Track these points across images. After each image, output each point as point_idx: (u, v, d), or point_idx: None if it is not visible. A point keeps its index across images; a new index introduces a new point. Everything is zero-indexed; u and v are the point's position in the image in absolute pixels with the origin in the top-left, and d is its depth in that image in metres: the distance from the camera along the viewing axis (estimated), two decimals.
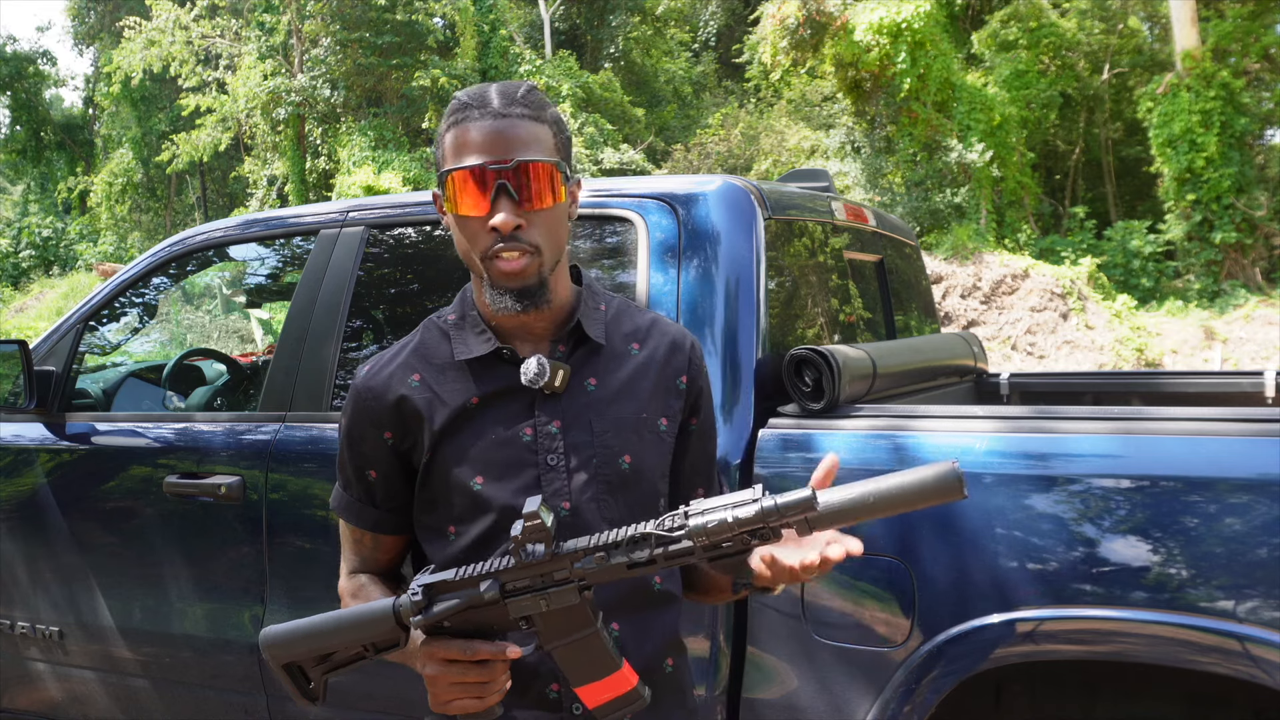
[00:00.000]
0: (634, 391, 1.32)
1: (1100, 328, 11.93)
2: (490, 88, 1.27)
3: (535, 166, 1.23)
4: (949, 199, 13.62)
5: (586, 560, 1.10)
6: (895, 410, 2.01)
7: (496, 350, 1.31)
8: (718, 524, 1.06)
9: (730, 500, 1.07)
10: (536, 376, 1.26)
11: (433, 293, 2.60)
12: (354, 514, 1.39)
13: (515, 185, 1.22)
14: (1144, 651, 1.68)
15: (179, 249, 2.89)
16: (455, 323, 1.35)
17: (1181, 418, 1.76)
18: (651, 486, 1.33)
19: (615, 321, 1.37)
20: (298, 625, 1.19)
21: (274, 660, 1.19)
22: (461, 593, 1.13)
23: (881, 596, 1.84)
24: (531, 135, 1.24)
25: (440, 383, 1.32)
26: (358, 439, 1.37)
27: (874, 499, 1.05)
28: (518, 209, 1.23)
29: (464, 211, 1.24)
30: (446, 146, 1.26)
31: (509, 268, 1.24)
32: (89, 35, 27.71)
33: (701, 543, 1.07)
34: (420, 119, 18.21)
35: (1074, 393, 3.26)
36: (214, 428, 2.62)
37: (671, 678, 1.34)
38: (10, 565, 2.86)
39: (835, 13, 13.76)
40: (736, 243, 2.14)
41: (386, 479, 1.36)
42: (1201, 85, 13.29)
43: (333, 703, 2.40)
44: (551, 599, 1.11)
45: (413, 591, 1.15)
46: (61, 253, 24.03)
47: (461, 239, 1.28)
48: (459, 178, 1.23)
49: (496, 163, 1.22)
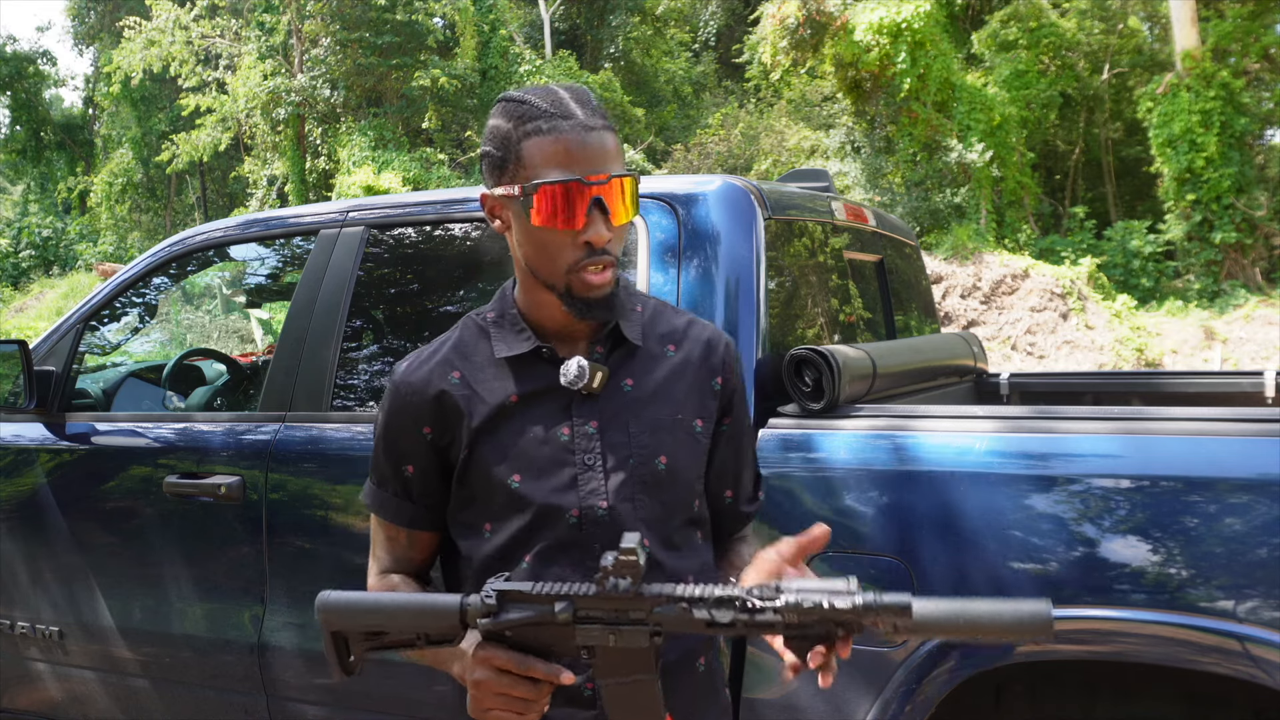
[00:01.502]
0: (670, 392, 1.33)
1: (1100, 328, 11.93)
2: (562, 94, 1.25)
3: (625, 182, 1.24)
4: (949, 199, 13.62)
5: (668, 607, 1.09)
6: (895, 410, 2.01)
7: (536, 349, 1.31)
8: (812, 607, 1.05)
9: (826, 586, 1.06)
10: (576, 378, 1.27)
11: (433, 293, 2.60)
12: (390, 510, 1.38)
13: (608, 201, 1.22)
14: (1144, 651, 1.68)
15: (179, 249, 2.89)
16: (494, 320, 1.36)
17: (1182, 418, 1.76)
18: (687, 487, 1.33)
19: (651, 322, 1.37)
20: (360, 597, 1.18)
21: (326, 624, 1.18)
22: (535, 607, 1.12)
23: None
24: (616, 147, 1.25)
25: (479, 380, 1.32)
26: (396, 434, 1.36)
27: (964, 621, 1.04)
28: (609, 224, 1.23)
29: (555, 225, 1.22)
30: (526, 154, 1.23)
31: (598, 280, 1.24)
32: (89, 35, 27.71)
33: (790, 619, 1.06)
34: (420, 119, 18.21)
35: (1074, 393, 3.26)
36: (214, 428, 2.62)
37: (704, 676, 1.34)
38: (10, 565, 2.86)
39: (835, 13, 13.76)
40: (736, 243, 2.14)
41: (424, 474, 1.35)
42: (1201, 85, 13.29)
43: (333, 703, 2.40)
44: (621, 636, 1.10)
45: (486, 594, 1.13)
46: (61, 253, 24.03)
47: (539, 253, 1.26)
48: (555, 191, 1.21)
49: (594, 178, 1.21)
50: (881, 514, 1.85)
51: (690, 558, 1.33)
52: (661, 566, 1.28)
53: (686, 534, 1.34)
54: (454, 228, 2.53)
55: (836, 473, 1.88)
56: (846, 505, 1.87)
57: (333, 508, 2.38)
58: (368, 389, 2.52)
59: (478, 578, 1.30)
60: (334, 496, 2.38)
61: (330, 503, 2.38)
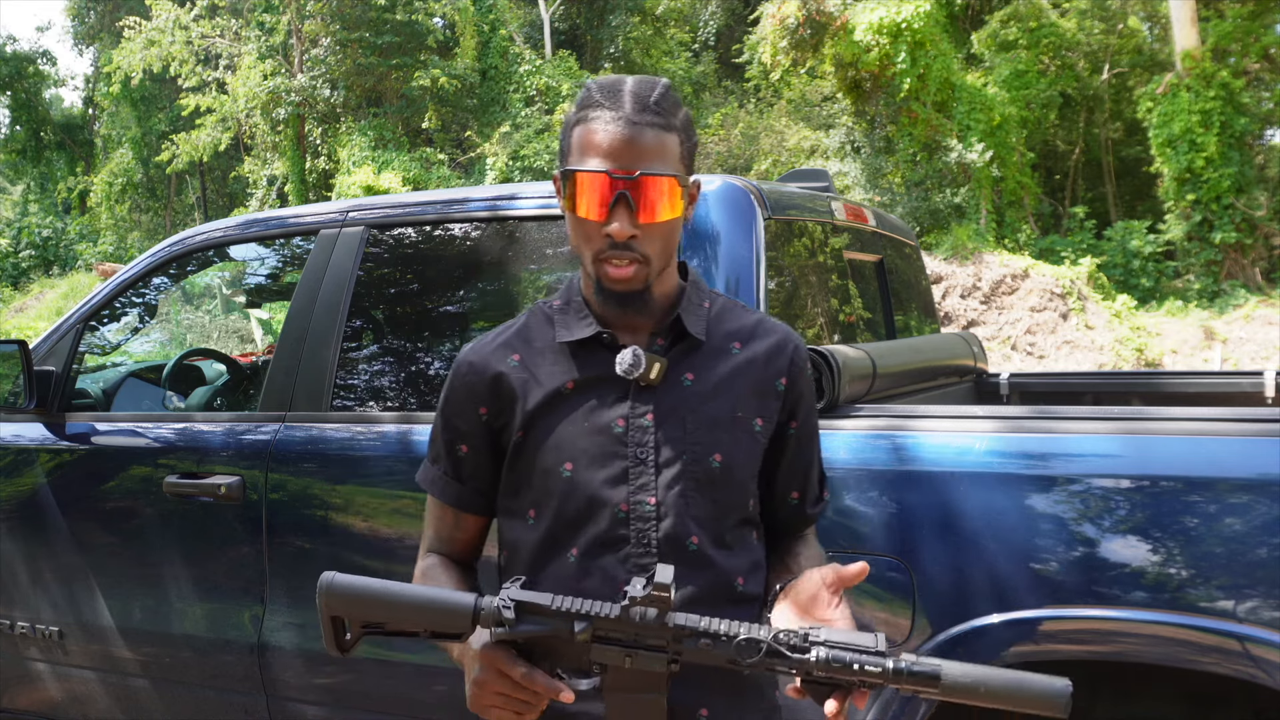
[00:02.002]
0: (731, 390, 1.32)
1: (1100, 328, 11.93)
2: (625, 85, 1.26)
3: (657, 181, 1.23)
4: (949, 199, 13.62)
5: (690, 642, 1.09)
6: (895, 410, 2.01)
7: (597, 335, 1.31)
8: (842, 666, 1.05)
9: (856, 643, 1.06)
10: (631, 367, 1.26)
11: (433, 292, 2.60)
12: (439, 488, 1.39)
13: (635, 196, 1.22)
14: (1144, 651, 1.68)
15: (179, 249, 2.89)
16: (560, 308, 1.37)
17: (1181, 418, 1.76)
18: (741, 487, 1.32)
19: (718, 319, 1.36)
20: (367, 586, 1.16)
21: (329, 608, 1.17)
22: (553, 622, 1.12)
23: (881, 596, 1.84)
24: (659, 145, 1.24)
25: (538, 364, 1.33)
26: (454, 412, 1.37)
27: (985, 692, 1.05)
28: (634, 220, 1.23)
29: (581, 214, 1.24)
30: (573, 140, 1.27)
31: (617, 274, 1.25)
32: (89, 35, 27.70)
33: (819, 674, 1.06)
34: (420, 119, 18.20)
35: (1074, 393, 3.26)
36: (214, 428, 2.62)
37: (748, 678, 1.32)
38: (10, 565, 2.86)
39: (835, 13, 13.76)
40: (736, 242, 2.14)
41: (476, 455, 1.36)
42: (1201, 85, 13.29)
43: (333, 703, 2.40)
44: (638, 659, 1.10)
45: (504, 602, 1.12)
46: (61, 253, 24.02)
47: (575, 236, 1.29)
48: (581, 180, 1.23)
49: (620, 173, 1.22)
50: (881, 514, 1.85)
51: (742, 555, 1.32)
52: (712, 563, 1.27)
53: (739, 533, 1.32)
54: (454, 228, 2.53)
55: (836, 473, 1.88)
56: (846, 505, 1.87)
57: (333, 508, 2.38)
58: (368, 389, 2.52)
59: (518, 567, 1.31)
60: (334, 496, 2.38)
61: (330, 503, 2.38)
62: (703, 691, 1.27)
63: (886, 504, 1.85)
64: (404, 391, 2.49)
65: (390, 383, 2.53)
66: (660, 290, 1.32)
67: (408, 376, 2.53)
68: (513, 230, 2.43)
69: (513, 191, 2.46)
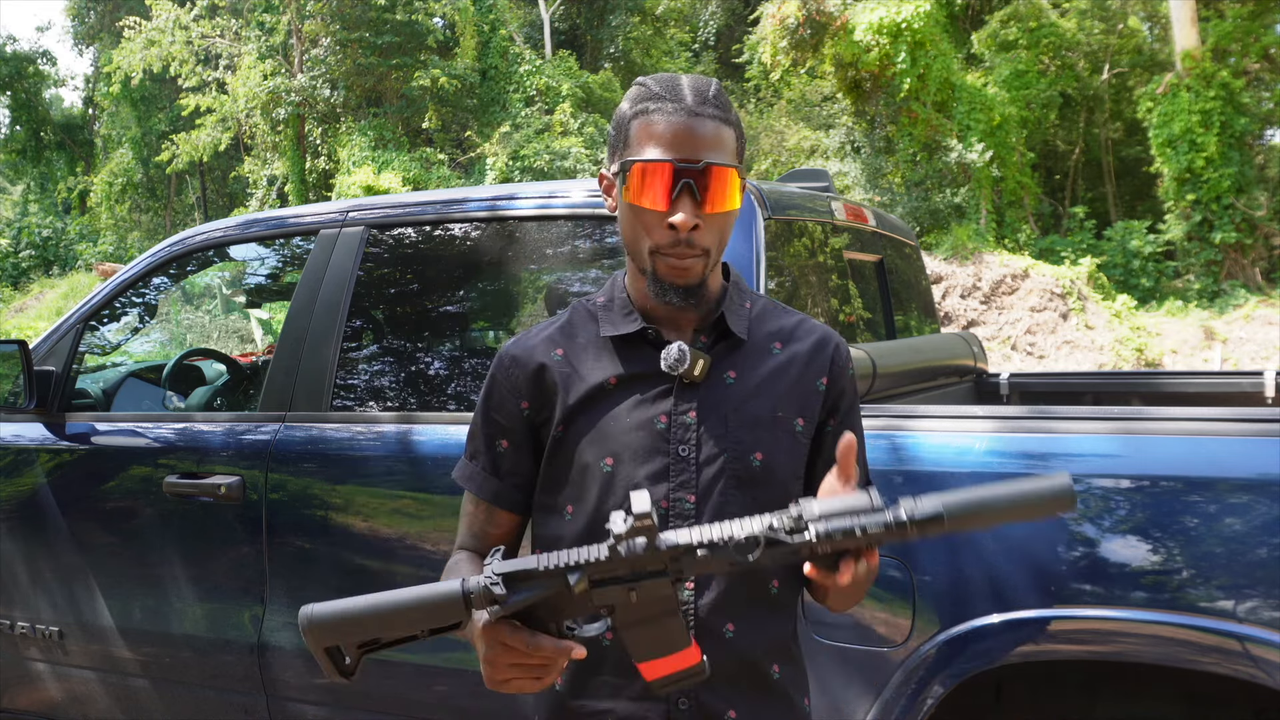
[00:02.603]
0: (773, 389, 1.31)
1: (1100, 328, 11.93)
2: (682, 80, 1.27)
3: (722, 171, 1.23)
4: (949, 199, 13.62)
5: (687, 558, 1.06)
6: (895, 410, 2.01)
7: (642, 331, 1.31)
8: (843, 534, 1.03)
9: (851, 506, 1.04)
10: (676, 362, 1.26)
11: (432, 292, 2.60)
12: (476, 483, 1.38)
13: (700, 186, 1.22)
14: (1144, 651, 1.68)
15: (179, 249, 2.89)
16: (604, 305, 1.36)
17: (1181, 418, 1.76)
18: (782, 487, 1.30)
19: (760, 320, 1.36)
20: (348, 609, 1.11)
21: (316, 643, 1.12)
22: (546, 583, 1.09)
23: (881, 596, 1.84)
24: (720, 137, 1.25)
25: (581, 359, 1.32)
26: (495, 406, 1.36)
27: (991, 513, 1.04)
28: (698, 210, 1.23)
29: (644, 204, 1.24)
30: (632, 133, 1.26)
31: (679, 266, 1.25)
32: (89, 35, 27.70)
33: (824, 549, 1.04)
34: (420, 119, 18.20)
35: (1074, 393, 3.26)
36: (214, 428, 2.62)
37: (778, 684, 1.31)
38: (10, 565, 2.86)
39: (835, 13, 13.76)
40: (736, 242, 2.14)
41: (516, 450, 1.35)
42: (1201, 85, 13.29)
43: (333, 702, 2.40)
44: (642, 590, 1.07)
45: (491, 580, 1.09)
46: (61, 253, 24.02)
47: (631, 230, 1.28)
48: (645, 169, 1.23)
49: (685, 161, 1.22)
50: None
51: None
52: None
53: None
54: (454, 228, 2.53)
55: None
56: None
57: (333, 508, 2.38)
58: (368, 389, 2.52)
59: None
60: (334, 496, 2.38)
61: (330, 503, 2.38)
62: (730, 694, 1.26)
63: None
64: (404, 391, 2.49)
65: (390, 383, 2.53)
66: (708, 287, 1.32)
67: (408, 376, 2.53)
68: (513, 230, 2.43)
69: (512, 191, 2.46)
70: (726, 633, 1.26)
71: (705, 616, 1.26)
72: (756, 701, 1.28)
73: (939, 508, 1.03)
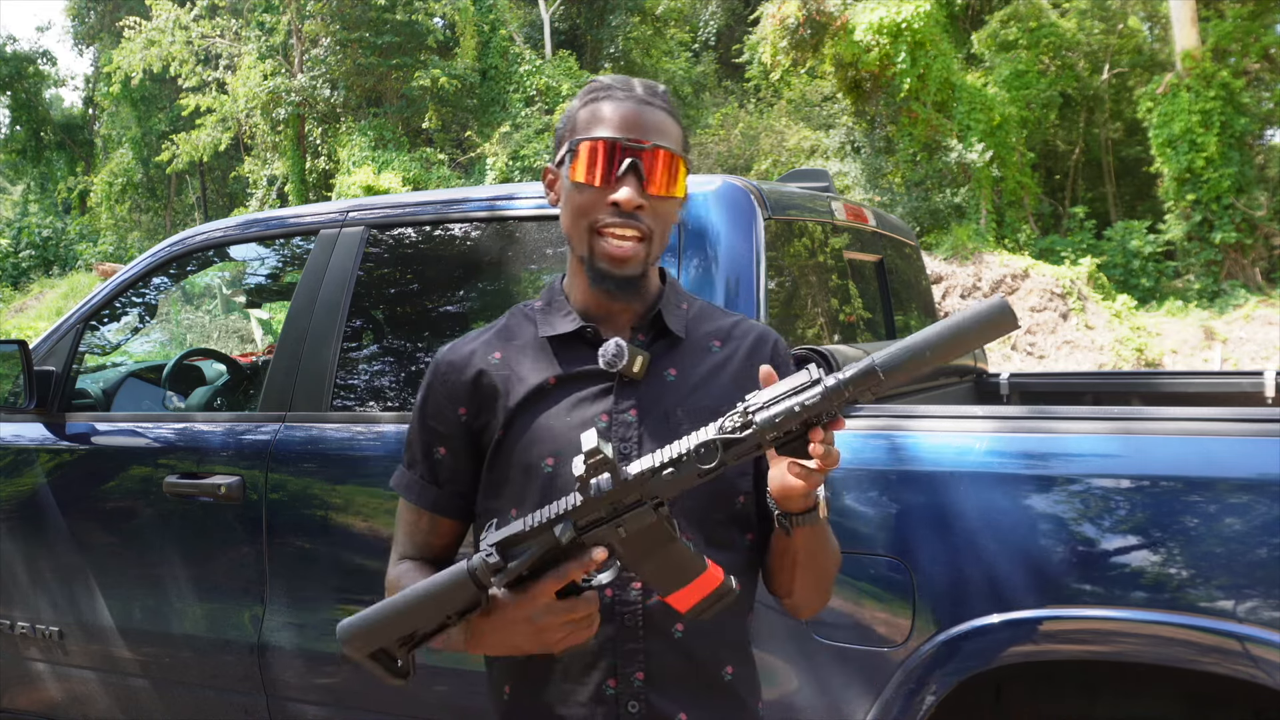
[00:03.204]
0: (714, 384, 1.32)
1: (1100, 328, 11.93)
2: (632, 79, 1.32)
3: (669, 155, 1.26)
4: (949, 199, 13.62)
5: (656, 480, 1.09)
6: (895, 410, 2.01)
7: (580, 330, 1.31)
8: (784, 415, 1.05)
9: (790, 387, 1.06)
10: (615, 358, 1.25)
11: (433, 292, 2.60)
12: (415, 492, 1.38)
13: (645, 167, 1.25)
14: (1144, 651, 1.68)
15: (179, 249, 2.89)
16: (542, 308, 1.37)
17: (1180, 418, 1.76)
18: (730, 484, 1.30)
19: (697, 320, 1.37)
20: (375, 614, 1.15)
21: (358, 652, 1.16)
22: (536, 542, 1.12)
23: (881, 596, 1.84)
24: (667, 128, 1.29)
25: (520, 361, 1.33)
26: (431, 413, 1.36)
27: (931, 345, 1.04)
28: (642, 190, 1.25)
29: (587, 180, 1.25)
30: (580, 119, 1.29)
31: (618, 253, 1.25)
32: (89, 35, 27.70)
33: (771, 437, 1.06)
34: (420, 119, 18.20)
35: (1074, 393, 3.26)
36: (214, 428, 2.62)
37: (730, 686, 1.30)
38: (10, 565, 2.86)
39: (835, 13, 13.76)
40: (736, 242, 2.14)
41: (454, 457, 1.35)
42: (1201, 85, 13.29)
43: (333, 703, 2.40)
44: (628, 524, 1.10)
45: (486, 552, 1.12)
46: (61, 253, 24.02)
47: (572, 211, 1.28)
48: (592, 146, 1.25)
49: (633, 141, 1.25)
50: (882, 514, 1.85)
51: (732, 556, 1.29)
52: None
53: (730, 533, 1.30)
54: (454, 228, 2.53)
55: (836, 473, 1.88)
56: (846, 505, 1.87)
57: (333, 508, 2.38)
58: (368, 389, 2.52)
59: None
60: (334, 496, 2.38)
61: (330, 503, 2.38)
62: (681, 696, 1.26)
63: (886, 504, 1.85)
64: (404, 391, 2.49)
65: (390, 383, 2.53)
66: (647, 287, 1.33)
67: (408, 376, 2.53)
68: (512, 230, 2.43)
69: (512, 191, 2.46)
70: (676, 633, 1.26)
71: (653, 616, 1.25)
72: (708, 703, 1.28)
73: (869, 363, 1.05)
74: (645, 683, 1.25)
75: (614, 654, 1.25)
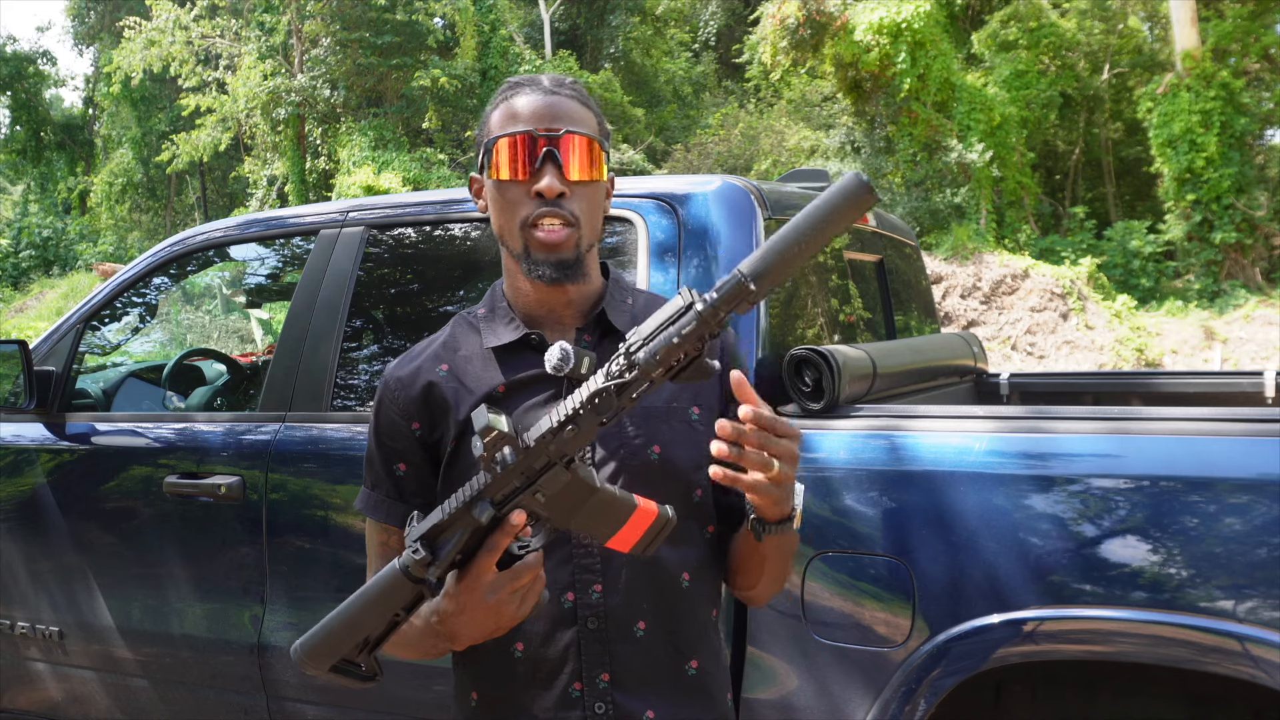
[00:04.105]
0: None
1: (1100, 328, 11.93)
2: (540, 75, 1.33)
3: (581, 139, 1.27)
4: (949, 199, 13.62)
5: (559, 439, 1.09)
6: (895, 410, 2.01)
7: (525, 337, 1.31)
8: (665, 349, 1.04)
9: (665, 317, 1.06)
10: (561, 363, 1.24)
11: (433, 293, 2.60)
12: (382, 511, 1.37)
13: (562, 154, 1.25)
14: (1144, 651, 1.68)
15: (179, 249, 2.89)
16: (485, 316, 1.37)
17: (1179, 418, 1.76)
18: (684, 478, 1.30)
19: (643, 313, 1.36)
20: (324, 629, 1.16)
21: (318, 669, 1.17)
22: (460, 528, 1.12)
23: (881, 596, 1.84)
24: (579, 113, 1.30)
25: (467, 372, 1.32)
26: (385, 431, 1.35)
27: (795, 239, 1.03)
28: (563, 177, 1.25)
29: (508, 176, 1.26)
30: (494, 120, 1.30)
31: (549, 238, 1.25)
32: (89, 35, 27.70)
33: (658, 373, 1.06)
34: (420, 119, 18.20)
35: (1074, 393, 3.26)
36: (214, 428, 2.62)
37: (695, 681, 1.30)
38: (10, 565, 2.86)
39: (835, 13, 13.76)
40: (736, 243, 2.14)
41: (417, 471, 1.35)
42: (1201, 85, 13.29)
43: (333, 703, 2.40)
44: (543, 487, 1.10)
45: (412, 548, 1.13)
46: (61, 253, 24.02)
47: (500, 212, 1.29)
48: (507, 143, 1.26)
49: (546, 131, 1.26)
50: (881, 514, 1.85)
51: (688, 551, 1.30)
52: (656, 559, 1.25)
53: (687, 526, 1.29)
54: (454, 228, 2.53)
55: (836, 473, 1.88)
56: (846, 505, 1.87)
57: (333, 508, 2.38)
58: (368, 389, 2.52)
59: None
60: (334, 496, 2.38)
61: (330, 503, 2.38)
62: (646, 694, 1.26)
63: (886, 504, 1.85)
64: None
65: None
66: (589, 280, 1.33)
67: None
68: None
69: None
70: (637, 631, 1.26)
71: (614, 616, 1.25)
72: (674, 700, 1.28)
73: (736, 274, 1.03)
74: (611, 684, 1.25)
75: (578, 657, 1.25)
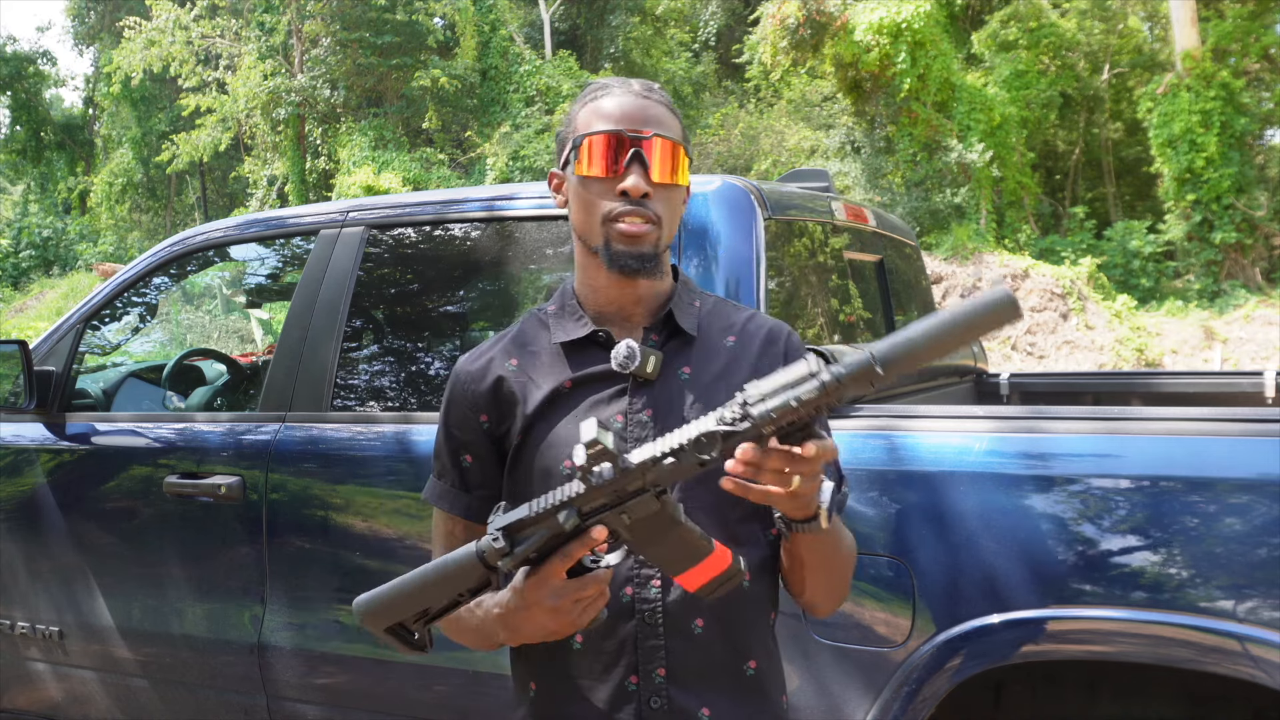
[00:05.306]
0: (728, 379, 1.32)
1: (1100, 328, 11.93)
2: (630, 79, 1.35)
3: (667, 143, 1.29)
4: (949, 199, 13.62)
5: (657, 468, 1.10)
6: (894, 410, 2.01)
7: (593, 334, 1.33)
8: (781, 409, 1.05)
9: (788, 379, 1.06)
10: (627, 360, 1.27)
11: (432, 292, 2.60)
12: (448, 501, 1.39)
13: (648, 155, 1.28)
14: (1144, 651, 1.68)
15: (179, 249, 2.89)
16: (555, 312, 1.38)
17: (1179, 418, 1.76)
18: None
19: (710, 316, 1.38)
20: (389, 591, 1.20)
21: (374, 627, 1.20)
22: (542, 528, 1.13)
23: (881, 596, 1.84)
24: (666, 118, 1.32)
25: (535, 367, 1.34)
26: (455, 423, 1.38)
27: (933, 338, 1.02)
28: (648, 178, 1.27)
29: (595, 173, 1.28)
30: (581, 118, 1.32)
31: (632, 229, 1.27)
32: (89, 35, 27.69)
33: (769, 430, 1.06)
34: (420, 119, 18.20)
35: (1074, 393, 3.26)
36: (214, 428, 2.62)
37: (752, 681, 1.31)
38: (10, 565, 2.86)
39: (835, 13, 13.76)
40: (736, 242, 2.14)
41: (482, 463, 1.37)
42: (1201, 85, 13.29)
43: (333, 703, 2.40)
44: (631, 510, 1.11)
45: (492, 535, 1.14)
46: (61, 253, 24.02)
47: (582, 207, 1.31)
48: (596, 140, 1.28)
49: (634, 132, 1.28)
50: (882, 514, 1.85)
51: (751, 552, 1.30)
52: None
53: (749, 528, 1.31)
54: (454, 228, 2.53)
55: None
56: (847, 505, 1.87)
57: (333, 508, 2.38)
58: (368, 389, 2.52)
59: None
60: (334, 497, 2.38)
61: (330, 503, 2.38)
62: (703, 692, 1.27)
63: (887, 504, 1.85)
64: (404, 392, 2.50)
65: (390, 383, 2.54)
66: (663, 277, 1.35)
67: (408, 376, 2.53)
68: (512, 230, 2.43)
69: (512, 191, 2.46)
70: (695, 629, 1.27)
71: (673, 613, 1.26)
72: (730, 699, 1.28)
73: (865, 356, 1.03)
74: (667, 679, 1.26)
75: (635, 651, 1.26)
